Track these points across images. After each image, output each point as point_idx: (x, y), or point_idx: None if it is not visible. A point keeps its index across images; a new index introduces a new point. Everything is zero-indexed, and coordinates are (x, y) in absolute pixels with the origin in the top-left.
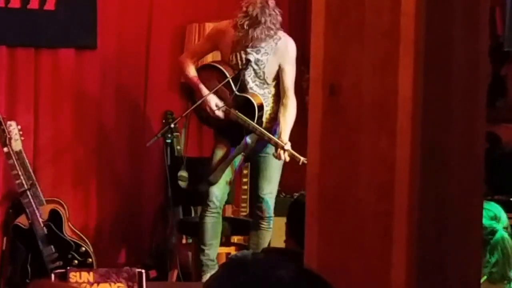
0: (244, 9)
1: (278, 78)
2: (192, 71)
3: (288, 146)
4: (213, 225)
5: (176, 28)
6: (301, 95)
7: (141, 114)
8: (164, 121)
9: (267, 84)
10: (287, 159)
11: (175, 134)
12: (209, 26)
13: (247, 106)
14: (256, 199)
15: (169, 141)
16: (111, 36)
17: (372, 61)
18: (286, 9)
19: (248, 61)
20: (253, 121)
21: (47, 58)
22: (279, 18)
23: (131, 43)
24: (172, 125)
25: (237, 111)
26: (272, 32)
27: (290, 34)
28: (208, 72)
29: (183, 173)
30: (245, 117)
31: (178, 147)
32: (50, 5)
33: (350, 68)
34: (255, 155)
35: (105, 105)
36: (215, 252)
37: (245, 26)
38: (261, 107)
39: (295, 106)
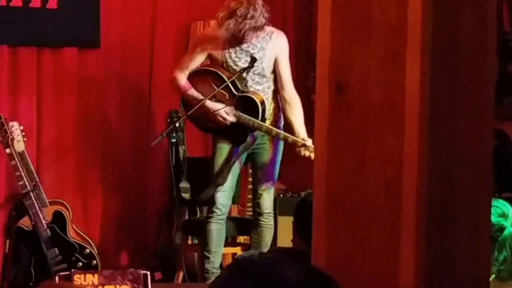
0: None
1: (275, 72)
2: (182, 80)
3: (309, 142)
4: (218, 231)
5: (180, 25)
6: (307, 93)
7: (145, 114)
8: (169, 120)
9: (266, 77)
10: (312, 156)
11: (180, 133)
12: (214, 24)
13: (248, 105)
14: (254, 196)
15: (174, 140)
16: (114, 35)
17: (379, 58)
18: (291, 8)
19: (254, 59)
20: (258, 118)
21: (50, 57)
22: (257, 8)
23: (135, 41)
24: (177, 124)
25: (244, 115)
26: (252, 22)
27: (296, 32)
28: (202, 77)
29: (184, 185)
30: (256, 120)
31: (183, 147)
32: (52, 4)
33: (356, 65)
34: (250, 151)
35: (109, 105)
36: (219, 259)
37: (223, 20)
38: (262, 103)
39: (299, 99)
